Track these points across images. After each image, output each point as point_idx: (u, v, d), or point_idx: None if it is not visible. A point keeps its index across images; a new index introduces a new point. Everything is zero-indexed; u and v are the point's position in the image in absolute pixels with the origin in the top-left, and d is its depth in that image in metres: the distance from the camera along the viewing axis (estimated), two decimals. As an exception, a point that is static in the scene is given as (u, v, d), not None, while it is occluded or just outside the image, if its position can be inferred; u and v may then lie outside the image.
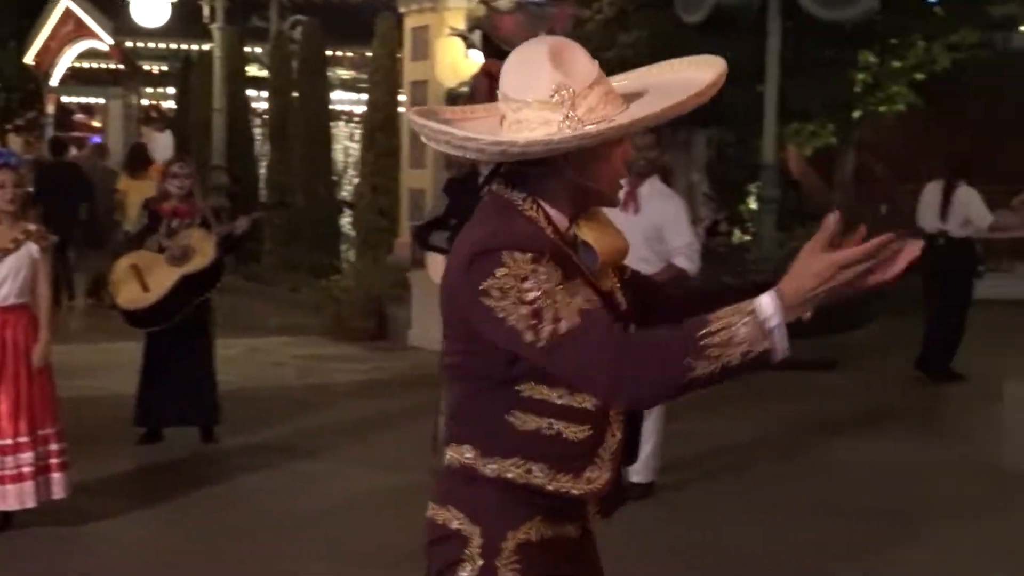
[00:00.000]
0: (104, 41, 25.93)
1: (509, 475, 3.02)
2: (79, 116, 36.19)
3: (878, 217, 20.33)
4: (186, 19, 23.91)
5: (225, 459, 9.56)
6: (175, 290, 9.52)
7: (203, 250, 9.61)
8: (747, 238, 17.24)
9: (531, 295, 2.85)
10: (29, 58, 28.46)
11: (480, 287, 2.89)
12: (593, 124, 2.93)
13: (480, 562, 3.03)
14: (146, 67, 27.62)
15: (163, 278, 9.55)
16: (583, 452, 3.01)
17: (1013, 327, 14.97)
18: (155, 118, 28.37)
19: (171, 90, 26.49)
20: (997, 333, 14.11)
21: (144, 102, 28.78)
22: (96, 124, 34.19)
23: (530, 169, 3.02)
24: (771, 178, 15.07)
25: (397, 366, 13.29)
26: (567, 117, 2.92)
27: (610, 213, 3.12)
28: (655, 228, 7.87)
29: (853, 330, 14.46)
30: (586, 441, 3.01)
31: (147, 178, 17.39)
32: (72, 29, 27.19)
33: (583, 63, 2.99)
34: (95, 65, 28.28)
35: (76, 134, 36.62)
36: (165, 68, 26.45)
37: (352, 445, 9.98)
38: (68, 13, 26.99)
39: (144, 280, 9.58)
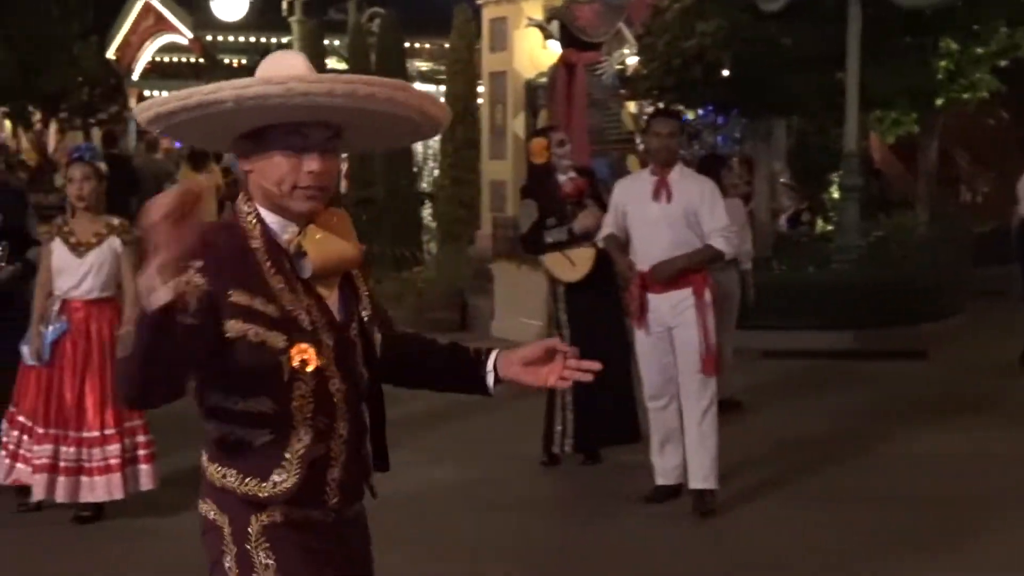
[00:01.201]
0: (184, 35, 26.17)
1: (214, 480, 3.22)
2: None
3: (961, 205, 20.17)
4: (265, 12, 24.08)
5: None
6: None
7: None
8: (829, 228, 17.12)
9: None
10: (111, 53, 28.78)
11: None
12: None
13: (235, 549, 3.19)
14: (226, 60, 27.83)
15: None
16: (266, 457, 3.13)
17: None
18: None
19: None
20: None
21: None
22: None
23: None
24: (853, 166, 14.98)
25: (479, 357, 13.27)
26: None
27: (644, 204, 3.03)
28: (691, 213, 7.84)
29: (945, 319, 14.35)
30: (268, 445, 3.13)
31: (209, 171, 18.10)
32: (153, 23, 27.48)
33: (288, 67, 3.16)
34: (176, 59, 28.54)
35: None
36: (245, 61, 26.62)
37: (430, 438, 10.00)
38: (148, 7, 27.29)
39: None
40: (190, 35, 26.15)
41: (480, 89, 17.28)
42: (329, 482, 3.20)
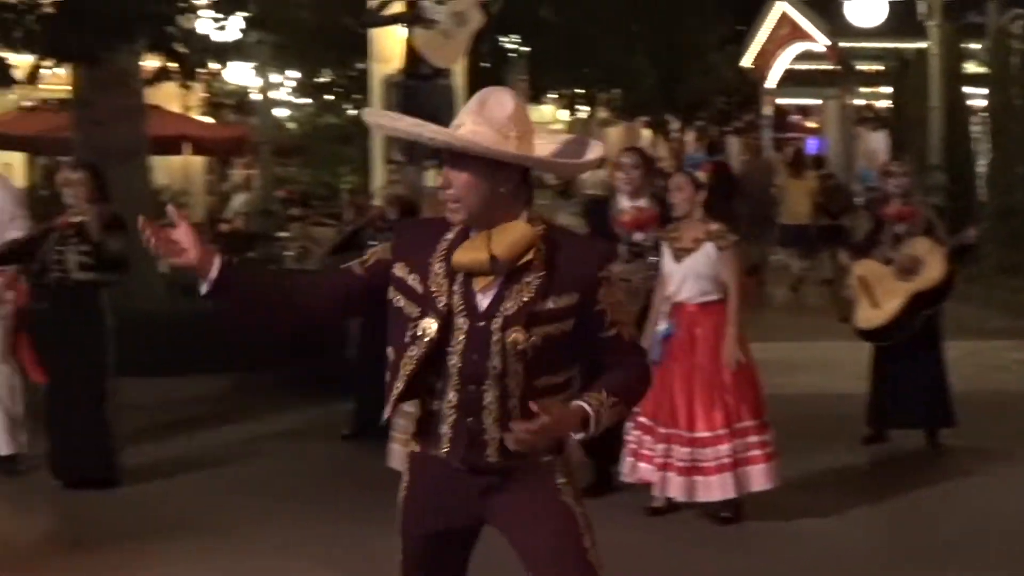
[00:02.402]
0: (820, 43, 26.31)
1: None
2: (795, 117, 36.87)
3: None
4: (901, 17, 23.84)
5: (943, 462, 9.50)
6: (906, 308, 9.47)
7: (932, 263, 9.42)
8: None
9: None
10: (747, 61, 29.35)
11: None
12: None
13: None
14: (861, 67, 27.73)
15: (892, 294, 9.48)
16: (387, 391, 4.01)
17: None
18: (869, 118, 28.50)
19: (886, 89, 26.48)
20: None
21: (859, 102, 28.91)
22: (812, 125, 34.75)
23: None
24: None
25: None
26: None
27: None
28: None
29: None
30: (388, 385, 4.01)
31: (805, 178, 19.51)
32: (788, 32, 27.78)
33: (496, 107, 3.95)
34: (810, 66, 28.72)
35: (792, 135, 37.36)
36: (880, 67, 26.45)
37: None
38: (784, 17, 27.61)
39: (873, 295, 9.56)
40: (826, 42, 26.22)
41: None
42: (440, 435, 3.98)
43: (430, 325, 3.92)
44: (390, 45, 13.01)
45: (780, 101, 31.95)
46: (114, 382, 8.85)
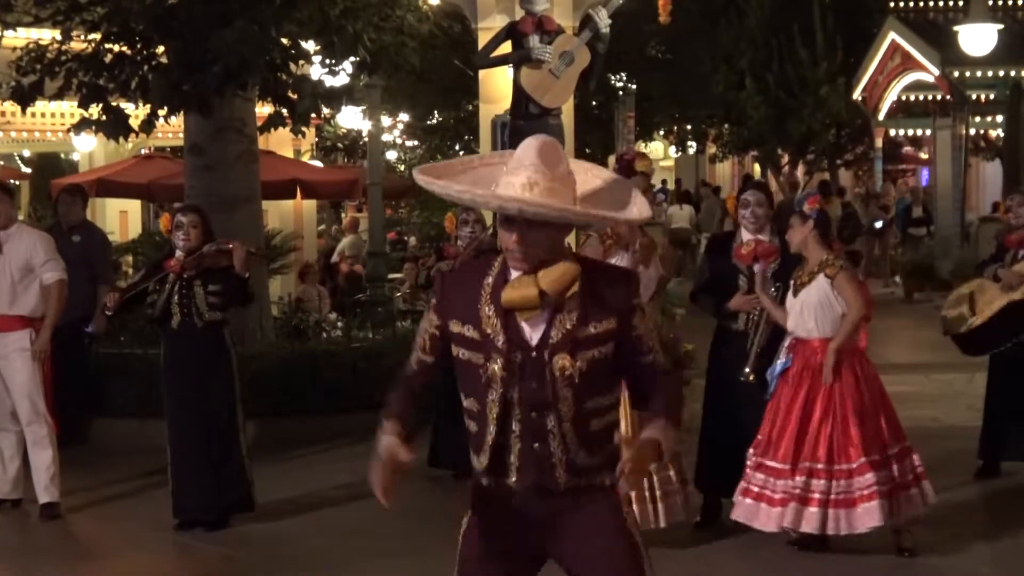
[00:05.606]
0: (931, 72, 26.01)
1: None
2: (907, 149, 36.49)
3: None
4: (1013, 44, 23.49)
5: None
6: (999, 316, 9.38)
7: None
8: None
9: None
10: (857, 94, 29.11)
11: None
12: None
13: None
14: (973, 96, 27.40)
15: (990, 304, 9.48)
16: (476, 440, 4.27)
17: None
18: (983, 147, 28.11)
19: (1000, 118, 26.12)
20: None
21: (972, 131, 28.53)
22: (923, 156, 34.33)
23: None
24: None
25: None
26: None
27: None
28: None
29: None
30: (476, 434, 4.26)
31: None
32: (899, 63, 27.48)
33: (556, 159, 4.08)
34: (922, 96, 28.40)
35: (904, 167, 37.03)
36: (992, 96, 26.09)
37: None
38: (894, 47, 27.31)
39: (975, 305, 9.56)
40: (937, 72, 25.91)
41: None
42: (509, 464, 4.19)
43: (496, 366, 4.16)
44: (499, 86, 13.10)
45: (892, 132, 31.58)
46: (243, 419, 8.97)
